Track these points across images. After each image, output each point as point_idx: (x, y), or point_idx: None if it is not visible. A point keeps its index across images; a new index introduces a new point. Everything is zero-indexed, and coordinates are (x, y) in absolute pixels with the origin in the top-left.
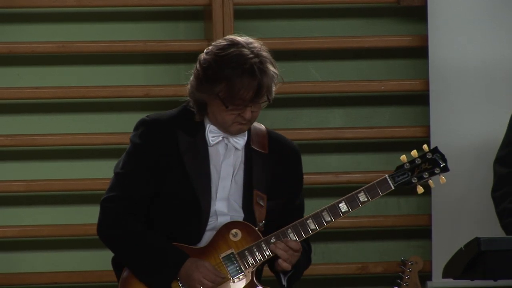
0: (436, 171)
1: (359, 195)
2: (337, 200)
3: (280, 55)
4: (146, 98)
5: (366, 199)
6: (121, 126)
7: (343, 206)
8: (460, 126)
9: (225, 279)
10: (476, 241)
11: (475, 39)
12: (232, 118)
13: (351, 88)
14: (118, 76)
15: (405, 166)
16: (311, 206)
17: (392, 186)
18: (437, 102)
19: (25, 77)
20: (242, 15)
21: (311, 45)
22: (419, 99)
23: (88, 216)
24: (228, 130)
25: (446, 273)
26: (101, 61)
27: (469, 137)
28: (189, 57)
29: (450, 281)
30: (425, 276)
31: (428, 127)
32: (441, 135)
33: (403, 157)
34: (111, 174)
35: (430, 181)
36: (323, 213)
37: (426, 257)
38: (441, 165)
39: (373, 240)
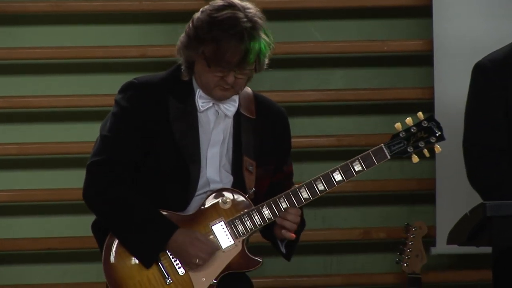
0: (432, 140)
1: (354, 164)
2: (331, 169)
3: (280, 15)
4: (143, 59)
5: (361, 169)
6: (117, 87)
7: (337, 175)
8: (465, 88)
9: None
10: (482, 207)
11: None
12: (215, 80)
13: (352, 49)
14: (113, 36)
15: (400, 135)
16: (311, 169)
17: (388, 156)
18: (441, 62)
19: (18, 36)
20: None
21: (311, 4)
22: (423, 59)
23: (82, 180)
24: (211, 94)
25: (451, 239)
26: (95, 21)
27: None
28: (186, 16)
29: (454, 247)
30: (429, 242)
31: (432, 88)
32: (445, 97)
33: (398, 125)
34: None
35: (437, 146)
36: (316, 182)
37: (430, 222)
38: (437, 134)
39: (375, 205)
